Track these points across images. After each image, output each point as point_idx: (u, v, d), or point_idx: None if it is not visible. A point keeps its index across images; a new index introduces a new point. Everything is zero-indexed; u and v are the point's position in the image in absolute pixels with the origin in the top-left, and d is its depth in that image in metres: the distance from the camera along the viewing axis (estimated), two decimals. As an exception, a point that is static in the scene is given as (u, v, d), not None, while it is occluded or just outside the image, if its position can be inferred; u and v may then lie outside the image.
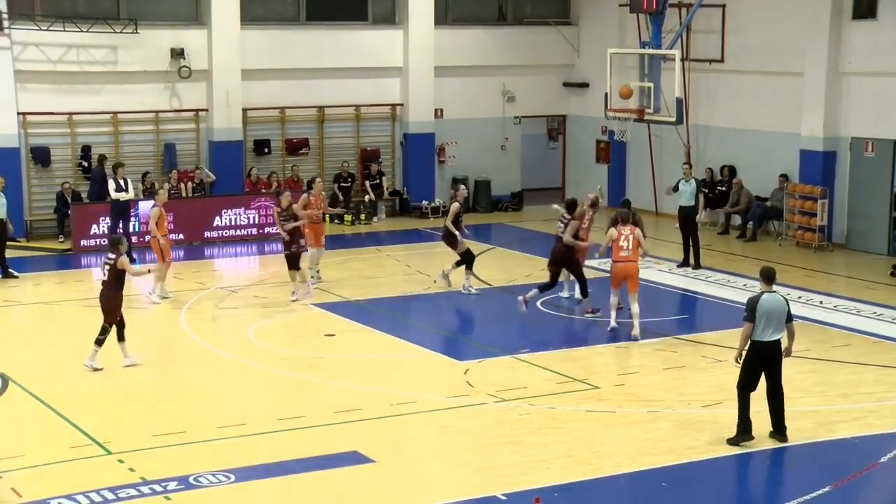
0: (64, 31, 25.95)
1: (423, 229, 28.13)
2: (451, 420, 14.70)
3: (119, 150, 27.01)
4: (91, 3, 27.22)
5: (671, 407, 15.08)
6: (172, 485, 12.36)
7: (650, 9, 24.04)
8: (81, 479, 12.47)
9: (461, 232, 21.10)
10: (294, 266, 20.57)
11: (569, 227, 19.38)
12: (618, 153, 30.79)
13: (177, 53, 27.33)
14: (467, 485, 12.57)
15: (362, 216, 29.21)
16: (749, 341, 13.50)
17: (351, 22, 29.68)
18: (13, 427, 14.44)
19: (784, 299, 13.67)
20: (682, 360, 17.20)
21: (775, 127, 26.92)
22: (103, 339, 16.43)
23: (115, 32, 26.40)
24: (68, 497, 12.01)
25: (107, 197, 24.35)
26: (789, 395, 13.97)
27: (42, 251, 25.41)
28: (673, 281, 22.57)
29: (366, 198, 29.49)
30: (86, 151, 26.69)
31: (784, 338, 13.62)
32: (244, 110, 28.18)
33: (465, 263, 21.39)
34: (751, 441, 13.62)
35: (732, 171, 27.94)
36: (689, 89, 27.58)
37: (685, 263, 23.47)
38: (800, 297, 20.78)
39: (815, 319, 19.48)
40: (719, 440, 13.75)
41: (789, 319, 13.58)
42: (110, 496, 12.05)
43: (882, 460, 13.21)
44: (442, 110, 30.63)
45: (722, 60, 28.01)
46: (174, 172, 26.89)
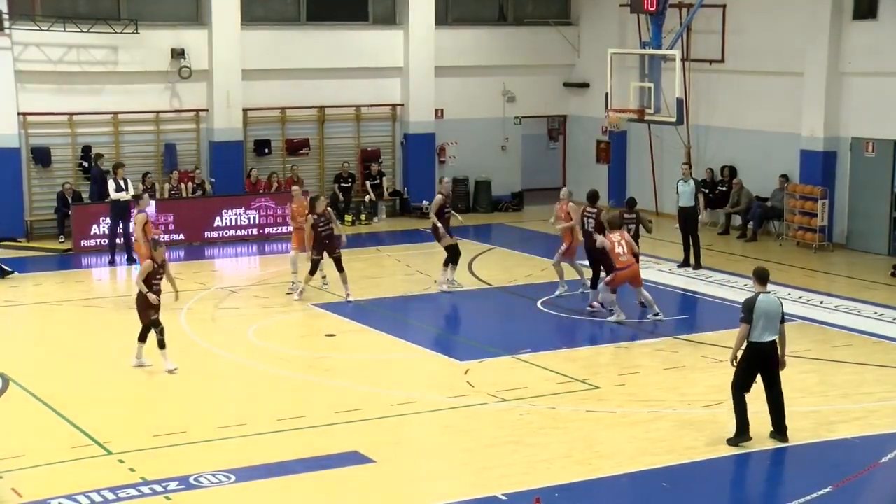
0: (64, 32, 25.94)
1: (424, 229, 27.97)
2: (452, 420, 14.71)
3: (119, 151, 27.01)
4: (91, 4, 27.22)
5: (671, 407, 15.08)
6: (173, 485, 12.36)
7: (650, 9, 24.01)
8: (82, 479, 12.47)
9: (445, 226, 21.06)
10: (340, 269, 20.60)
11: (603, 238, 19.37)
12: (618, 153, 30.80)
13: (177, 54, 27.32)
14: (467, 485, 12.58)
15: (363, 216, 29.22)
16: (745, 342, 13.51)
17: (351, 22, 29.67)
18: (13, 427, 14.44)
19: (779, 300, 13.68)
20: (683, 361, 17.21)
21: (775, 127, 26.90)
22: (162, 340, 16.36)
23: (116, 33, 26.39)
24: (68, 497, 12.02)
25: (107, 197, 24.37)
26: (789, 396, 13.97)
27: (42, 251, 25.40)
28: (673, 281, 22.57)
29: (366, 198, 29.48)
30: (86, 152, 26.66)
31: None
32: (244, 110, 28.17)
33: (450, 260, 21.36)
34: (749, 441, 13.61)
35: (733, 172, 27.91)
36: (690, 89, 27.55)
37: (685, 263, 23.48)
38: (800, 298, 20.81)
39: (816, 319, 19.48)
40: (719, 440, 13.75)
41: (783, 321, 13.57)
42: (110, 496, 12.05)
43: (883, 460, 13.20)
44: (442, 110, 30.63)
45: (722, 60, 27.99)
46: (175, 173, 26.91)
